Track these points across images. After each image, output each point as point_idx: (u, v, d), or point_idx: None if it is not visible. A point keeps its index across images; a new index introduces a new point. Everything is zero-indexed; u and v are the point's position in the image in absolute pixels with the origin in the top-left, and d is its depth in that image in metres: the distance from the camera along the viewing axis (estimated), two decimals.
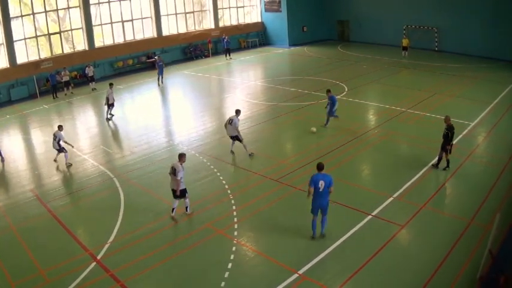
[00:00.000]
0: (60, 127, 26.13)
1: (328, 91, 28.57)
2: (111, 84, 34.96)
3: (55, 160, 26.21)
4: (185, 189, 19.17)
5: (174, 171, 18.98)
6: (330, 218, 17.73)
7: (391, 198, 19.54)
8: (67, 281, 15.41)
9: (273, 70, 49.30)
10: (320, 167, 16.56)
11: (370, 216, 18.18)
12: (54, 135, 25.79)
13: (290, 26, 62.60)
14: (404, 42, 51.68)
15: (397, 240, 16.77)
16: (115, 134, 31.79)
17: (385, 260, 15.55)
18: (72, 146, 26.41)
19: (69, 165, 25.87)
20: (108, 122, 34.26)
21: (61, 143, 25.75)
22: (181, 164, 18.84)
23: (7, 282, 15.99)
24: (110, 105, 34.74)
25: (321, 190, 16.16)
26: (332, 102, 28.26)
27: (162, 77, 45.41)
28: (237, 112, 25.00)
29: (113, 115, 34.87)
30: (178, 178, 18.72)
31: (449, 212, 18.59)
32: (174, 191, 19.28)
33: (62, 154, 25.92)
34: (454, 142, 22.01)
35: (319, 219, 16.81)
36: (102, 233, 18.51)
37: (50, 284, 15.59)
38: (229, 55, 56.65)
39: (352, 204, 19.14)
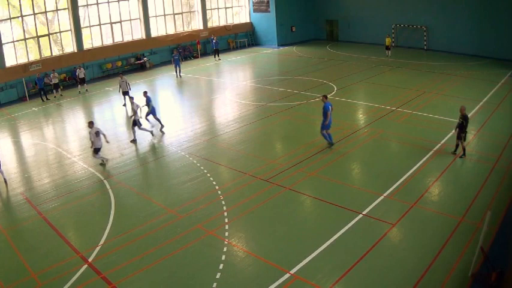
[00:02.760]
0: (90, 123, 25.56)
1: (145, 92, 31.15)
2: (121, 74, 38.29)
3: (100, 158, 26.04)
4: None
5: (98, 134, 25.05)
6: (320, 217, 18.22)
7: (382, 197, 19.55)
8: (59, 284, 15.34)
9: (262, 70, 49.19)
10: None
11: (361, 215, 18.18)
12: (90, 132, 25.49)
13: (279, 26, 62.63)
14: (387, 41, 51.76)
15: (388, 239, 16.77)
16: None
17: (376, 259, 15.55)
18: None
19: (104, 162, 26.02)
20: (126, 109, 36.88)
21: None
22: None
23: None
24: (125, 93, 37.60)
25: None
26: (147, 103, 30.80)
27: (179, 70, 48.10)
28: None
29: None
30: (106, 134, 25.40)
31: (440, 209, 18.59)
32: (97, 149, 25.39)
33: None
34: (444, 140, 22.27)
35: None
36: (93, 235, 18.45)
37: (42, 287, 15.48)
38: (218, 56, 56.70)
39: (343, 204, 19.14)
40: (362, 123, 29.29)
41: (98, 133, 25.39)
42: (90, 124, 25.57)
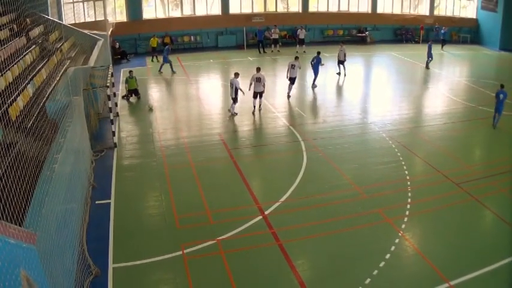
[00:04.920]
0: (236, 74, 26.98)
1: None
2: (342, 43, 36.24)
3: (229, 110, 27.17)
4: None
5: (259, 80, 26.87)
6: (496, 237, 16.56)
7: None
8: (229, 227, 15.73)
9: (479, 71, 45.46)
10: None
11: None
12: (230, 82, 26.84)
13: (504, 28, 58.24)
14: None
15: None
16: (312, 100, 31.82)
17: None
18: (243, 93, 26.97)
19: (234, 115, 27.04)
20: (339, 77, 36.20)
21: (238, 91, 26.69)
22: None
23: (171, 213, 16.81)
24: (340, 62, 37.04)
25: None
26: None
27: (431, 59, 43.06)
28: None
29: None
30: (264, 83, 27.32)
31: None
32: (259, 93, 27.15)
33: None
34: None
35: None
36: (275, 190, 18.57)
37: (212, 225, 16.04)
38: (443, 46, 54.19)
39: None
40: None
41: (259, 79, 27.12)
42: (258, 70, 27.79)
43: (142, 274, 13.50)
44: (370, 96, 34.14)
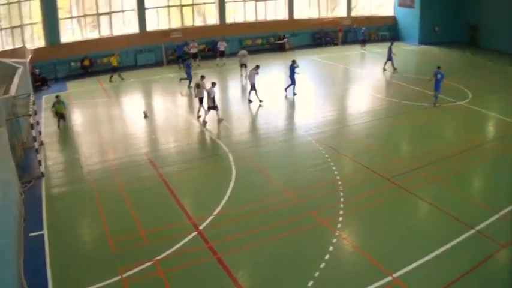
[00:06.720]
0: (213, 84, 27.85)
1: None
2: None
3: (204, 121, 28.16)
4: None
5: (199, 86, 28.48)
6: (433, 225, 17.53)
7: (497, 216, 17.95)
8: (165, 246, 15.74)
9: (400, 66, 46.86)
10: None
11: (473, 231, 16.84)
12: (208, 92, 27.80)
13: (422, 24, 60.10)
14: None
15: (495, 259, 15.53)
16: (235, 110, 32.13)
17: (480, 277, 14.49)
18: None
19: (221, 120, 28.23)
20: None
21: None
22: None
23: (105, 238, 16.67)
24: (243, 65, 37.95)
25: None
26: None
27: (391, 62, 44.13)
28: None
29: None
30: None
31: None
32: (201, 99, 28.74)
33: (213, 112, 28.07)
34: None
35: None
36: (208, 204, 18.70)
37: (147, 246, 16.02)
38: (364, 46, 55.30)
39: (458, 215, 17.81)
40: (493, 136, 27.37)
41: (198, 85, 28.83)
42: (202, 78, 29.38)
43: None
44: (293, 101, 34.50)
